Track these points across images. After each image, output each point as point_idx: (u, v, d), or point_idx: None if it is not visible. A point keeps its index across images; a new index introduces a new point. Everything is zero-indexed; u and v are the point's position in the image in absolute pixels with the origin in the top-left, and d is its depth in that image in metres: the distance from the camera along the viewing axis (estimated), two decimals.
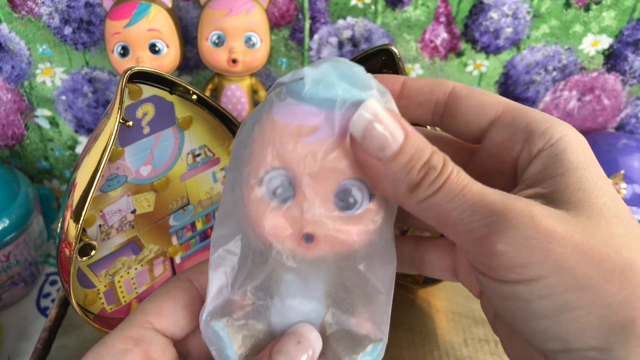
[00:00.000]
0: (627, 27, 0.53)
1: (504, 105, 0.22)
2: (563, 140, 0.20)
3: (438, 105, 0.23)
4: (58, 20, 0.52)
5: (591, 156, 0.20)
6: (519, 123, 0.21)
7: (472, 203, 0.19)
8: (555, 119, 0.21)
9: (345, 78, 0.19)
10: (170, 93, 0.35)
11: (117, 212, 0.36)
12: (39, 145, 0.61)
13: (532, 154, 0.21)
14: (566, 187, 0.19)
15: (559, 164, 0.20)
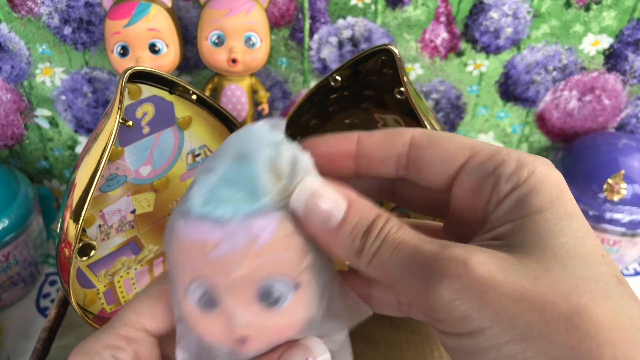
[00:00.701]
0: (627, 27, 0.53)
1: (469, 150, 0.21)
2: (529, 181, 0.19)
3: (400, 158, 0.22)
4: (58, 20, 0.52)
5: (560, 193, 0.19)
6: (486, 168, 0.20)
7: (408, 258, 0.18)
8: (525, 158, 0.20)
9: (237, 186, 0.19)
10: (170, 93, 0.35)
11: (116, 212, 0.36)
12: (38, 145, 0.61)
13: (499, 200, 0.20)
14: (520, 229, 0.19)
15: (521, 208, 0.19)
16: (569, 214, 0.19)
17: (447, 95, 0.59)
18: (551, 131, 0.62)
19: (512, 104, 0.60)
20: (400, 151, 0.22)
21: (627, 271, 0.60)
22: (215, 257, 0.19)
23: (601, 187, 0.53)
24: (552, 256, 0.18)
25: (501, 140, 0.63)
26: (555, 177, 0.20)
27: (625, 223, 0.52)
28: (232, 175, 0.20)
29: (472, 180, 0.21)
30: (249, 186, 0.19)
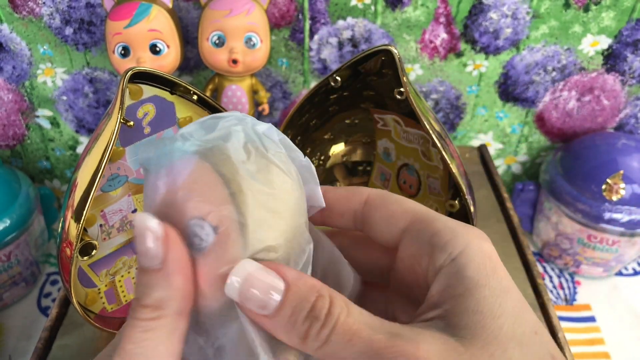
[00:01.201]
0: (626, 28, 0.54)
1: (411, 215, 0.22)
2: (464, 254, 0.20)
3: (356, 214, 0.24)
4: (59, 21, 0.52)
5: (494, 268, 0.20)
6: (423, 236, 0.22)
7: (361, 352, 0.18)
8: (459, 228, 0.21)
9: None
10: (170, 93, 0.35)
11: (118, 212, 0.36)
12: (39, 146, 0.61)
13: (436, 270, 0.21)
14: (464, 309, 0.19)
15: (458, 283, 0.20)
16: (504, 289, 0.20)
17: (447, 96, 0.59)
18: (550, 131, 0.62)
19: (511, 104, 0.60)
20: (356, 208, 0.24)
21: (626, 271, 0.61)
22: None
23: (600, 187, 0.53)
24: (493, 339, 0.18)
25: (500, 140, 0.63)
26: (489, 250, 0.21)
27: (624, 223, 0.52)
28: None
29: (412, 247, 0.22)
30: None
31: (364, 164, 0.48)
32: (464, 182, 0.34)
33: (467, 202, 0.34)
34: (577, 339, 0.53)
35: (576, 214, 0.54)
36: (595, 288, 0.59)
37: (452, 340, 0.19)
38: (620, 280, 0.59)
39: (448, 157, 0.33)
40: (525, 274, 0.45)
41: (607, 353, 0.52)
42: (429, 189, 0.41)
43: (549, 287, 0.59)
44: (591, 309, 0.56)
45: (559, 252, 0.59)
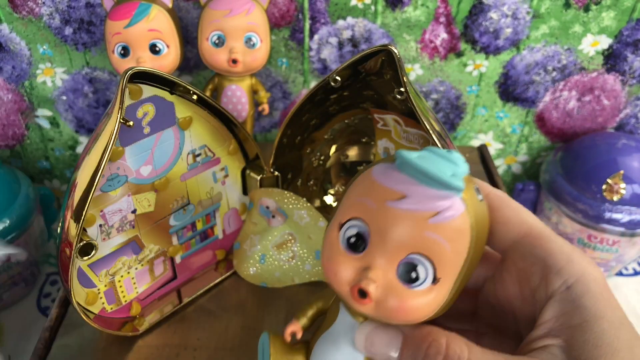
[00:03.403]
0: (626, 28, 0.54)
1: (527, 228, 0.22)
2: (580, 282, 0.20)
3: None
4: (59, 21, 0.52)
5: (609, 297, 0.20)
6: (537, 255, 0.22)
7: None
8: (574, 255, 0.21)
9: (445, 162, 0.20)
10: (170, 93, 0.35)
11: (117, 212, 0.36)
12: (39, 145, 0.61)
13: (549, 294, 0.21)
14: (584, 342, 0.19)
15: (576, 313, 0.20)
16: (621, 321, 0.20)
17: (447, 96, 0.59)
18: (550, 131, 0.62)
19: (511, 104, 0.60)
20: None
21: (626, 271, 0.61)
22: (392, 206, 0.20)
23: (600, 187, 0.53)
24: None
25: (500, 140, 0.63)
26: (603, 280, 0.21)
27: (625, 223, 0.52)
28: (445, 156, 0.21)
29: (523, 262, 0.22)
30: (455, 166, 0.20)
31: (364, 164, 0.48)
32: None
33: None
34: None
35: (576, 214, 0.54)
36: None
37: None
38: (620, 280, 0.59)
39: None
40: None
41: None
42: None
43: None
44: None
45: None
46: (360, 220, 0.21)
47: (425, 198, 0.20)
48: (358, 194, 0.22)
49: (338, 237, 0.22)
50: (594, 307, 0.20)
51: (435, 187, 0.20)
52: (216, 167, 0.40)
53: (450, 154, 0.21)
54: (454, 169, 0.20)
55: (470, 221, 0.20)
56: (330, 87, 0.38)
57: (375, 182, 0.21)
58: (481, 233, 0.21)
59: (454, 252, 0.20)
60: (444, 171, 0.20)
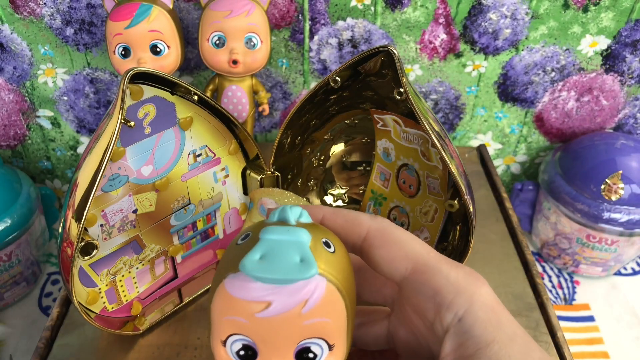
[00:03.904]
0: (625, 28, 0.54)
1: (412, 264, 0.23)
2: (469, 312, 0.21)
3: (355, 247, 0.24)
4: (60, 21, 0.52)
5: (498, 320, 0.21)
6: (426, 291, 0.22)
7: None
8: (460, 282, 0.22)
9: (289, 250, 0.21)
10: (171, 93, 0.35)
11: (118, 212, 0.36)
12: (40, 146, 0.61)
13: (444, 328, 0.22)
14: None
15: (469, 343, 0.21)
16: (510, 338, 0.21)
17: (446, 96, 0.59)
18: (549, 131, 0.62)
19: (510, 104, 0.60)
20: (355, 242, 0.24)
21: (625, 270, 0.61)
22: (263, 316, 0.20)
23: (599, 187, 0.53)
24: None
25: (500, 140, 0.63)
26: (490, 301, 0.22)
27: (623, 223, 0.52)
28: (289, 242, 0.21)
29: (415, 298, 0.23)
30: (299, 250, 0.21)
31: (364, 164, 0.48)
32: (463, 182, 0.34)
33: (467, 202, 0.34)
34: (576, 338, 0.54)
35: (575, 214, 0.55)
36: (594, 288, 0.59)
37: None
38: (619, 279, 0.60)
39: (447, 157, 0.34)
40: (524, 274, 0.46)
41: (606, 352, 0.52)
42: (429, 188, 0.41)
43: (548, 287, 0.59)
44: (590, 308, 0.57)
45: (558, 251, 0.59)
46: (239, 335, 0.21)
47: (288, 297, 0.20)
48: (223, 312, 0.21)
49: (227, 353, 0.22)
50: (484, 334, 0.21)
51: (292, 283, 0.20)
52: (217, 167, 0.41)
53: (289, 231, 0.21)
54: (299, 249, 0.20)
55: (335, 284, 0.21)
56: (330, 88, 0.38)
57: (234, 298, 0.21)
58: (347, 282, 0.22)
59: (335, 319, 0.21)
60: (291, 263, 0.20)
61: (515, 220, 0.51)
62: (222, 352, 0.22)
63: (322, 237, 0.22)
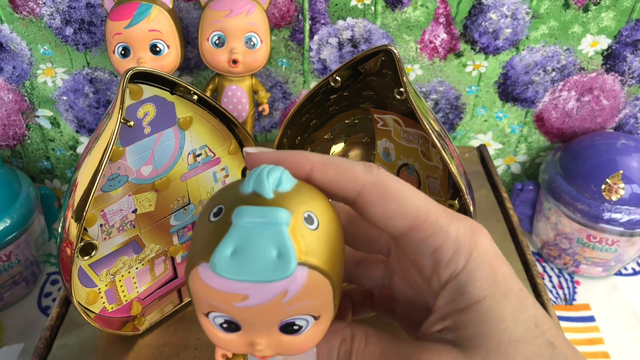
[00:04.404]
0: (625, 28, 0.54)
1: (411, 221, 0.22)
2: (466, 270, 0.21)
3: (347, 202, 0.23)
4: (59, 21, 0.52)
5: (495, 275, 0.21)
6: (425, 248, 0.22)
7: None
8: (460, 239, 0.21)
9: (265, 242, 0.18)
10: (171, 93, 0.35)
11: (118, 212, 0.36)
12: (40, 145, 0.61)
13: (441, 285, 0.22)
14: (468, 322, 0.21)
15: (462, 298, 0.21)
16: (505, 293, 0.21)
17: (447, 96, 0.59)
18: (550, 131, 0.62)
19: (511, 104, 0.60)
20: (348, 197, 0.22)
21: (625, 271, 0.61)
22: (242, 306, 0.19)
23: (600, 187, 0.53)
24: (496, 346, 0.20)
25: (500, 140, 0.63)
26: (489, 256, 0.21)
27: (624, 223, 0.52)
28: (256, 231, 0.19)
29: (413, 254, 0.22)
30: (276, 241, 0.18)
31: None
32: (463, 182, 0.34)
33: (467, 202, 0.34)
34: (576, 338, 0.54)
35: (575, 214, 0.54)
36: (595, 288, 0.59)
37: (457, 353, 0.21)
38: (619, 280, 0.60)
39: (448, 157, 0.33)
40: (524, 274, 0.45)
41: (606, 353, 0.52)
42: (429, 188, 0.41)
43: (549, 287, 0.59)
44: (590, 308, 0.56)
45: (559, 251, 0.59)
46: (221, 314, 0.20)
47: (266, 291, 0.18)
48: (200, 295, 0.20)
49: (210, 322, 0.21)
50: (478, 290, 0.21)
51: (268, 282, 0.18)
52: (217, 167, 0.40)
53: (264, 214, 0.19)
54: (276, 238, 0.18)
55: (318, 268, 0.19)
56: (330, 88, 0.38)
57: (209, 287, 0.19)
58: (333, 257, 0.20)
59: (320, 298, 0.20)
60: (266, 260, 0.18)
61: (515, 220, 0.51)
62: (205, 321, 0.21)
63: (304, 209, 0.20)
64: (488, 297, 0.21)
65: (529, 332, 0.20)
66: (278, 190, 0.20)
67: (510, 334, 0.20)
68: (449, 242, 0.21)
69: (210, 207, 0.21)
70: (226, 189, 0.21)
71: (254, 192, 0.20)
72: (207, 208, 0.21)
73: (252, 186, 0.20)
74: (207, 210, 0.21)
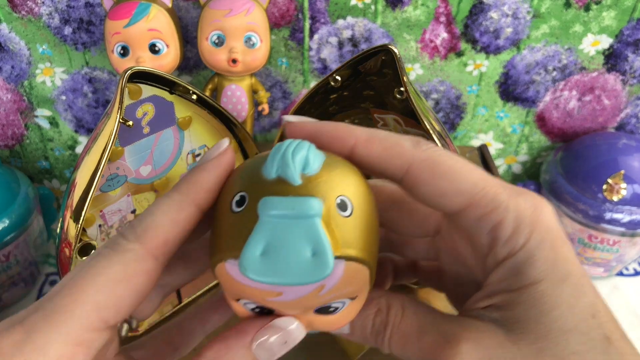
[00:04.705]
0: (627, 27, 0.53)
1: (467, 198, 0.20)
2: (525, 248, 0.19)
3: (394, 179, 0.21)
4: (58, 20, 0.52)
5: (555, 260, 0.19)
6: (483, 226, 0.20)
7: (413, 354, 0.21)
8: (523, 215, 0.20)
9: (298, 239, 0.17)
10: (170, 93, 0.35)
11: (117, 212, 0.36)
12: (39, 145, 0.61)
13: (497, 262, 0.20)
14: (519, 303, 0.19)
15: (516, 278, 0.19)
16: (563, 277, 0.19)
17: (447, 95, 0.59)
18: (551, 131, 0.62)
19: (511, 104, 0.60)
20: (395, 174, 0.21)
21: (627, 271, 0.60)
22: (276, 300, 0.18)
23: (601, 187, 0.53)
24: (545, 333, 0.18)
25: (501, 140, 0.63)
26: (551, 236, 0.20)
27: (625, 223, 0.52)
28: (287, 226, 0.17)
29: (467, 231, 0.21)
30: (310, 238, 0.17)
31: None
32: None
33: None
34: None
35: (577, 214, 0.54)
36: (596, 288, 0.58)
37: (501, 333, 0.19)
38: (620, 280, 0.59)
39: None
40: None
41: None
42: None
43: None
44: None
45: None
46: (253, 303, 0.19)
47: (302, 289, 0.17)
48: (229, 287, 0.18)
49: (241, 306, 0.20)
50: (535, 272, 0.19)
51: (304, 285, 0.17)
52: None
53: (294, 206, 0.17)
54: (310, 234, 0.17)
55: (355, 258, 0.18)
56: (330, 87, 0.38)
57: (239, 283, 0.18)
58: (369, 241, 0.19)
59: (357, 284, 0.19)
60: (301, 261, 0.16)
61: None
62: (236, 305, 0.20)
63: (336, 194, 0.18)
64: (545, 280, 0.19)
65: (584, 323, 0.19)
66: (306, 174, 0.18)
67: (563, 323, 0.18)
68: (509, 218, 0.19)
69: (232, 193, 0.19)
70: (247, 171, 0.19)
71: (278, 177, 0.18)
72: (227, 192, 0.19)
73: (276, 170, 0.18)
74: (228, 195, 0.19)
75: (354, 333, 0.22)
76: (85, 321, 0.17)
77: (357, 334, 0.22)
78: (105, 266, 0.18)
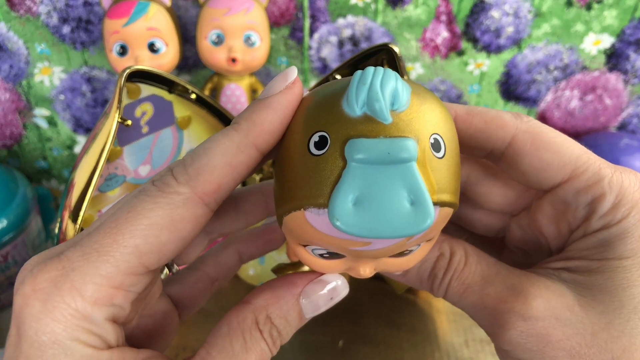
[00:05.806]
0: (629, 26, 0.53)
1: (571, 171, 0.20)
2: (621, 225, 0.19)
3: (494, 152, 0.21)
4: (56, 19, 0.52)
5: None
6: (582, 199, 0.20)
7: (474, 305, 0.20)
8: (626, 192, 0.19)
9: (394, 187, 0.15)
10: (169, 92, 0.34)
11: None
12: (37, 145, 0.61)
13: (587, 233, 0.20)
14: (598, 272, 0.19)
15: (603, 249, 0.19)
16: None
17: (448, 95, 0.59)
18: None
19: (513, 103, 0.59)
20: (496, 147, 0.20)
21: None
22: (359, 250, 0.17)
23: None
24: (618, 307, 0.18)
25: None
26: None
27: None
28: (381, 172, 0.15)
29: (564, 203, 0.20)
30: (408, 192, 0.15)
31: None
32: None
33: None
34: None
35: None
36: None
37: (571, 296, 0.19)
38: None
39: None
40: None
41: None
42: None
43: None
44: None
45: None
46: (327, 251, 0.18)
47: (392, 240, 0.16)
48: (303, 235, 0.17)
49: (308, 252, 0.18)
50: (626, 248, 0.19)
51: (401, 238, 0.16)
52: None
53: (389, 147, 0.15)
54: (407, 181, 0.15)
55: (450, 202, 0.17)
56: None
57: (322, 233, 0.16)
58: (458, 183, 0.17)
59: (440, 227, 0.18)
60: (399, 212, 0.15)
61: None
62: (301, 250, 0.18)
63: (429, 132, 0.16)
64: (632, 258, 0.18)
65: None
66: (395, 110, 0.16)
67: (638, 302, 0.18)
68: (611, 193, 0.19)
69: (307, 132, 0.16)
70: (323, 105, 0.17)
71: (365, 115, 0.16)
72: (299, 130, 0.17)
73: (362, 106, 0.16)
74: (302, 134, 0.17)
75: (408, 276, 0.21)
76: (124, 265, 0.17)
77: (412, 277, 0.21)
78: (151, 209, 0.17)
